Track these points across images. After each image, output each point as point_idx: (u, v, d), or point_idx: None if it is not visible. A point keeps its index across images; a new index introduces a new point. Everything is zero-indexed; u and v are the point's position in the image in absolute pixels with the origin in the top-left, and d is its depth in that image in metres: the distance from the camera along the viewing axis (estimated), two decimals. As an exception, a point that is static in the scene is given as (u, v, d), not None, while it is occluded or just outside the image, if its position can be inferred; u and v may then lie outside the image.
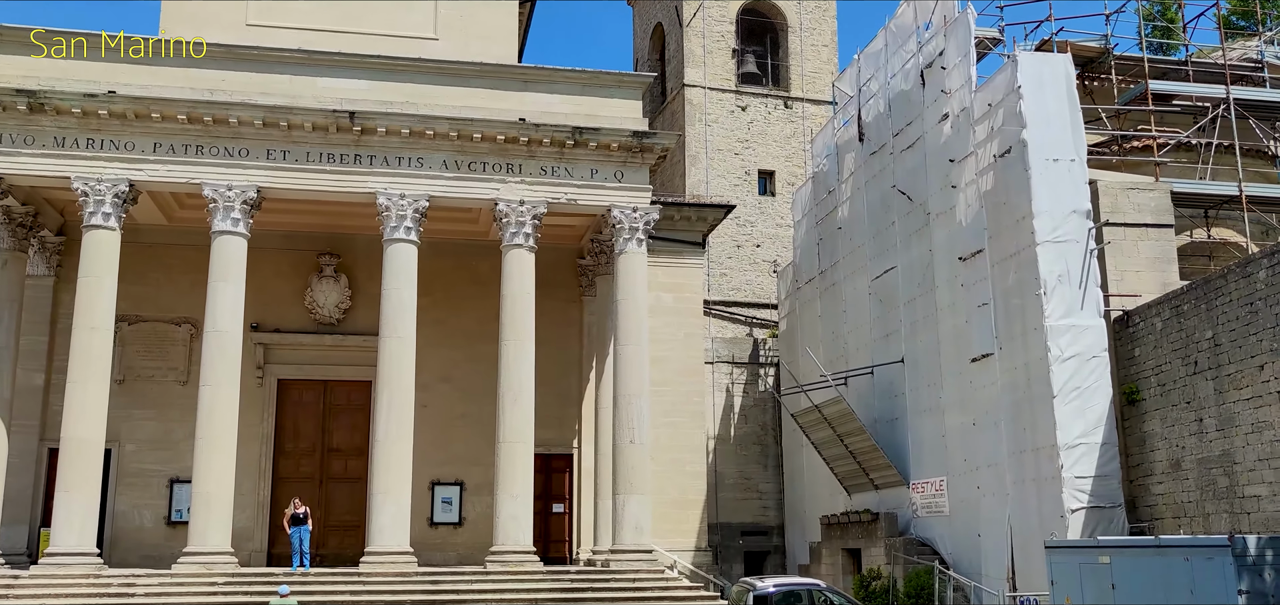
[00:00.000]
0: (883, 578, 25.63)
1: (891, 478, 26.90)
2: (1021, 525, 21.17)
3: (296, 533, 25.53)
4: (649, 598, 24.54)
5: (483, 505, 29.51)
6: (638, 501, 26.39)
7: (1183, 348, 18.79)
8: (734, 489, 34.91)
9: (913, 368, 26.14)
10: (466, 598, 24.16)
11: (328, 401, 31.00)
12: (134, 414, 29.35)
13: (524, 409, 26.00)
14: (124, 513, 29.13)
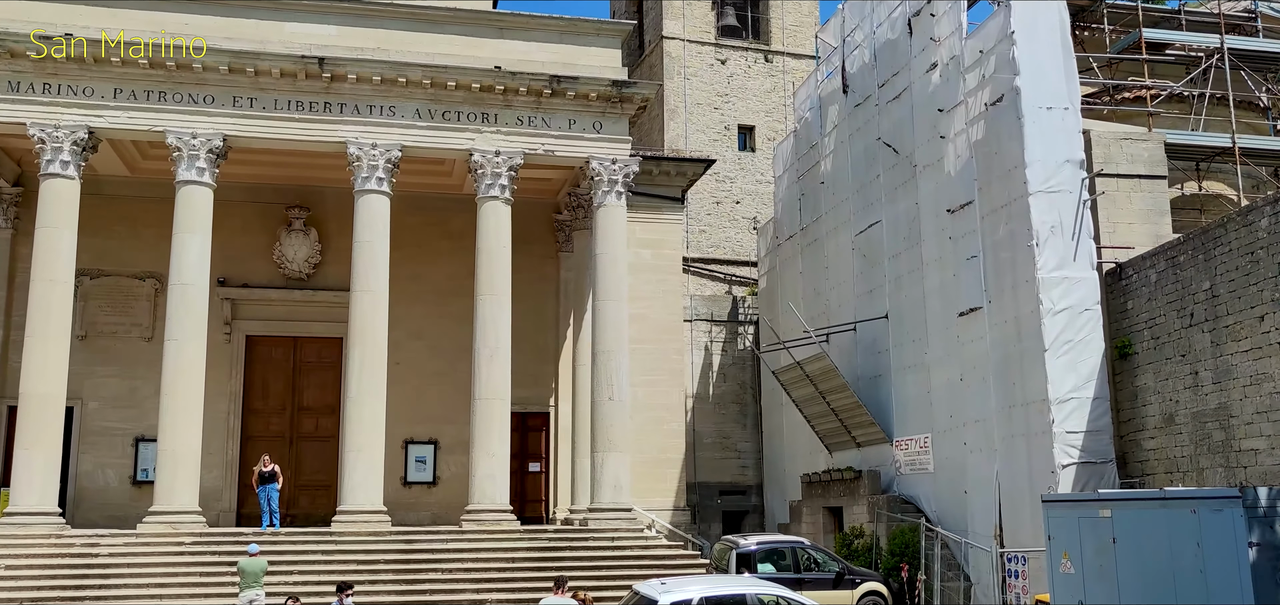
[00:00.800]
0: (865, 536, 25.29)
1: (874, 435, 26.51)
2: (1010, 482, 20.82)
3: (265, 491, 24.81)
4: (629, 556, 24.05)
5: (457, 464, 28.91)
6: (617, 459, 25.87)
7: (1179, 299, 18.41)
8: (712, 448, 34.48)
9: (897, 323, 25.69)
10: (442, 557, 23.58)
11: (298, 358, 30.23)
12: (97, 371, 28.47)
13: (501, 365, 25.36)
14: (88, 472, 28.30)
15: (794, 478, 30.99)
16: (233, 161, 26.09)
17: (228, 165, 25.86)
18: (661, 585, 15.86)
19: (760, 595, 15.85)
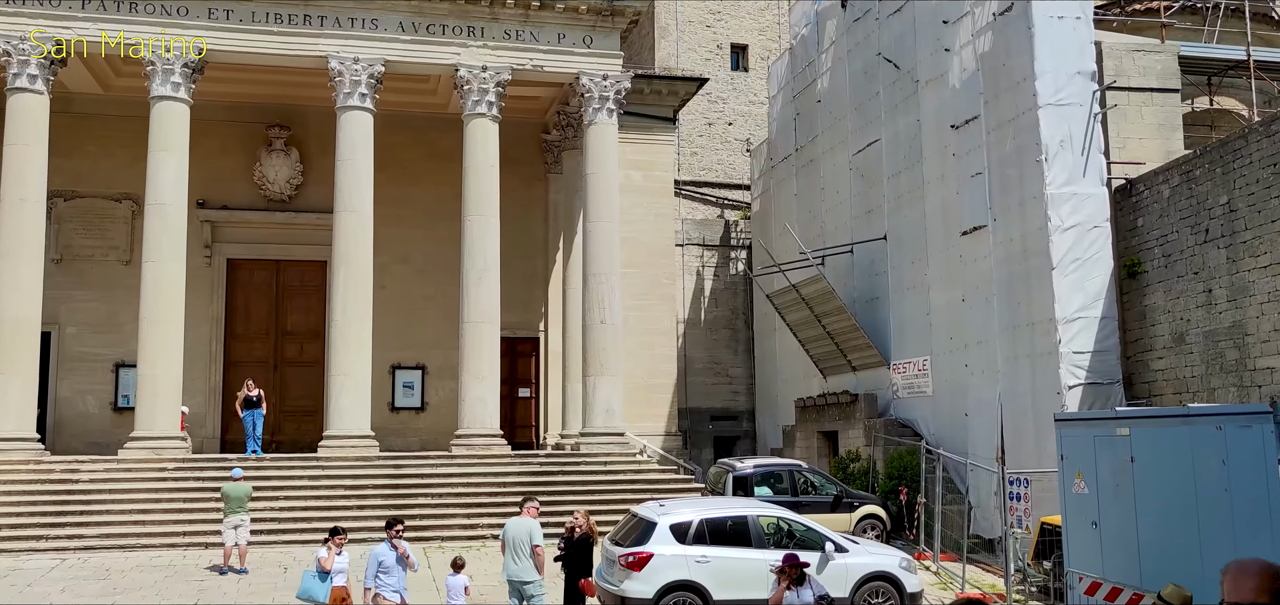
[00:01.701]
0: (861, 460, 24.92)
1: (871, 359, 26.04)
2: (1013, 404, 20.38)
3: (250, 416, 24.21)
4: (622, 481, 23.64)
5: (446, 390, 28.39)
6: (608, 383, 25.36)
7: (1193, 215, 17.84)
8: (704, 374, 34.02)
9: (896, 244, 25.10)
10: (431, 482, 23.11)
11: (281, 282, 29.51)
12: (74, 296, 27.71)
13: (489, 287, 24.71)
14: (67, 399, 27.66)
15: (787, 403, 30.59)
16: (210, 78, 25.15)
17: (205, 82, 24.92)
18: (660, 507, 15.39)
19: (762, 516, 15.39)
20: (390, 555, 12.49)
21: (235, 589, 16.97)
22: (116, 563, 18.91)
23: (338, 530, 13.50)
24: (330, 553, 13.14)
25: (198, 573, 18.18)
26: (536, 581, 13.16)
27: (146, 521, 20.74)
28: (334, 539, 13.38)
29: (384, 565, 12.39)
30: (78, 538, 20.05)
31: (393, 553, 12.55)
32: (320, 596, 12.55)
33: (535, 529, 13.31)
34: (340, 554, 13.25)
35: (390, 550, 12.54)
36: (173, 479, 22.05)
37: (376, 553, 12.55)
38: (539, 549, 13.15)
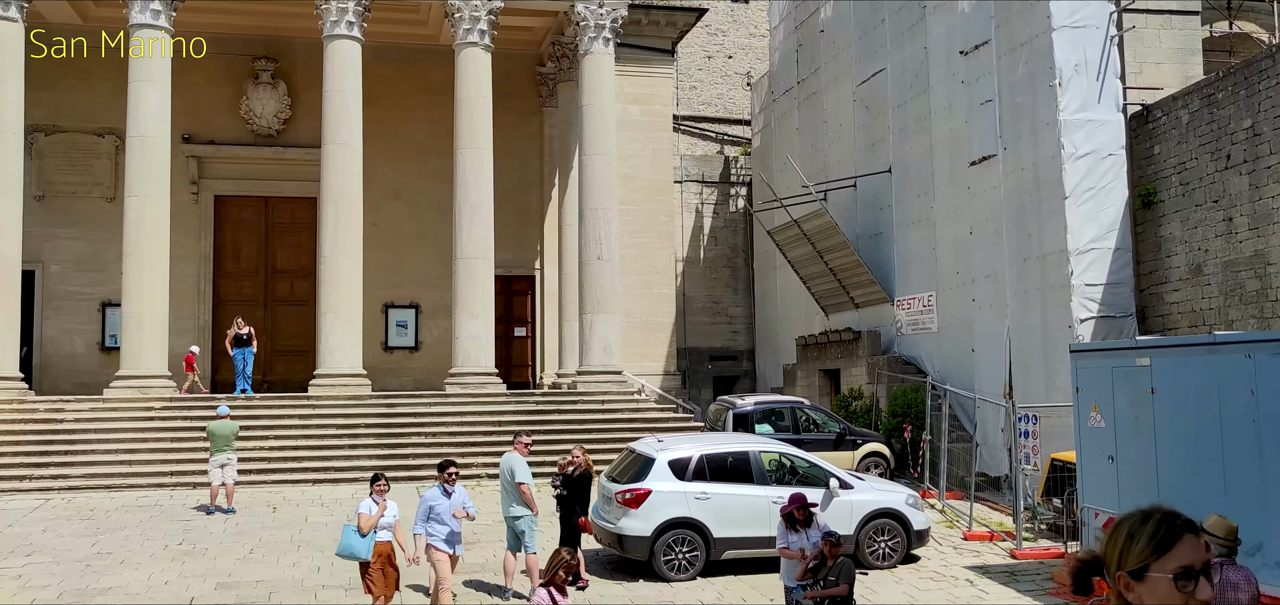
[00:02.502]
0: (864, 397, 24.42)
1: (874, 295, 25.45)
2: (1021, 339, 19.83)
3: (240, 354, 23.66)
4: (620, 419, 23.13)
5: (440, 329, 27.83)
6: (605, 321, 24.79)
7: (1213, 140, 17.15)
8: (703, 313, 33.45)
9: (901, 177, 24.42)
10: (425, 421, 22.60)
11: (270, 219, 28.84)
12: (57, 233, 27.04)
13: (483, 222, 24.04)
14: (53, 338, 27.10)
15: (788, 342, 30.05)
16: (193, 8, 24.33)
17: (187, 12, 24.10)
18: (658, 442, 14.87)
19: (764, 452, 14.87)
20: (442, 501, 11.47)
21: (221, 529, 16.48)
22: (101, 503, 18.43)
23: (380, 476, 11.53)
24: (377, 504, 11.13)
25: (184, 513, 17.70)
26: (527, 516, 12.68)
27: (133, 461, 20.24)
28: (376, 486, 11.38)
29: (435, 511, 11.39)
30: (62, 478, 19.56)
31: (446, 498, 11.50)
32: (362, 553, 10.95)
33: (517, 464, 12.82)
34: (386, 504, 11.25)
35: (443, 495, 11.52)
36: (160, 418, 21.53)
37: (427, 497, 11.54)
38: (523, 486, 12.63)
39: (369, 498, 11.32)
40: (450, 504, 11.54)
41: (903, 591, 13.61)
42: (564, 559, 8.44)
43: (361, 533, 10.95)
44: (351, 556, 11.07)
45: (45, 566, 14.08)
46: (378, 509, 11.12)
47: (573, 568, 8.40)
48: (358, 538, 10.95)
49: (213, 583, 13.38)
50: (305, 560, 14.63)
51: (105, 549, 15.09)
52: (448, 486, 11.63)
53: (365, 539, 10.95)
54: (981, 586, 13.95)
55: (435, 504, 11.47)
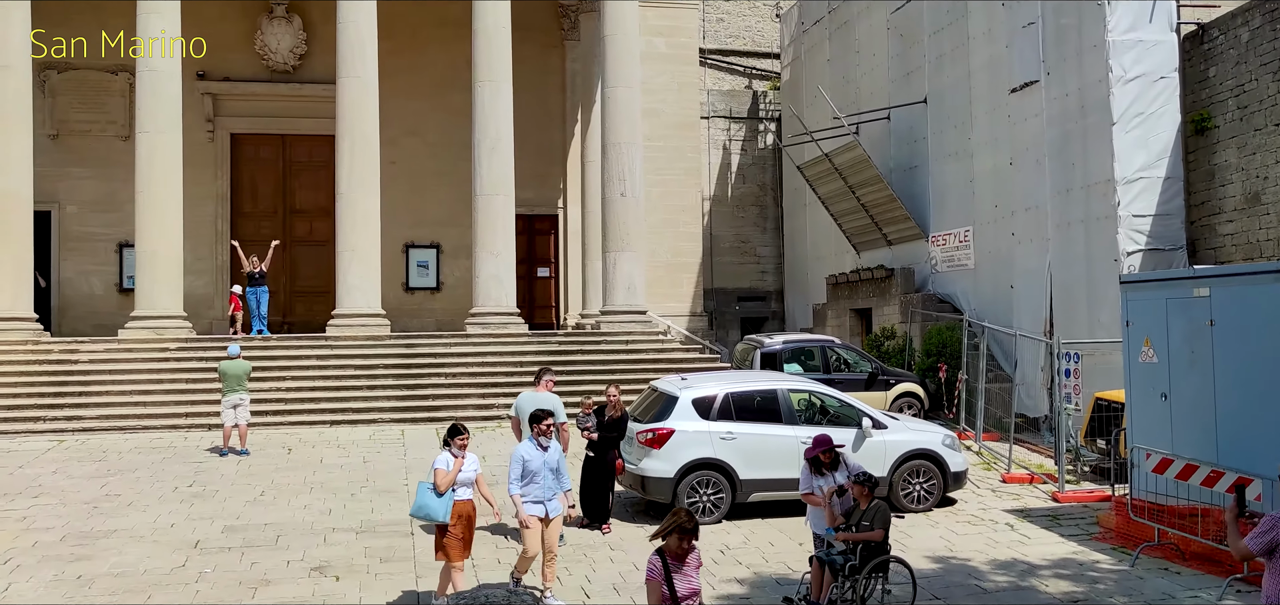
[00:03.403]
0: (897, 337, 23.63)
1: (908, 231, 24.57)
2: (1063, 274, 18.95)
3: (254, 294, 23.16)
4: (644, 360, 22.51)
5: (461, 269, 27.24)
6: (630, 259, 24.10)
7: (1277, 59, 16.08)
8: (730, 253, 32.63)
9: (937, 107, 23.43)
10: (445, 362, 22.07)
11: (287, 158, 28.28)
12: (73, 173, 26.64)
13: (503, 157, 23.32)
14: (71, 280, 26.77)
15: (817, 281, 29.24)
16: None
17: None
18: (682, 381, 14.21)
19: (792, 391, 14.18)
20: (537, 456, 10.08)
21: (234, 471, 16.05)
22: (115, 444, 18.06)
23: (459, 429, 10.06)
24: (456, 459, 9.84)
25: (197, 454, 17.29)
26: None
27: (147, 402, 19.87)
28: (456, 440, 9.96)
29: (529, 468, 10.04)
30: (76, 419, 19.22)
31: (540, 453, 10.09)
32: (440, 515, 9.67)
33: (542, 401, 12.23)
34: (465, 458, 9.94)
35: (537, 450, 10.11)
36: (175, 359, 21.13)
37: (519, 453, 10.13)
38: (564, 426, 12.03)
39: (445, 451, 9.96)
40: (546, 459, 10.16)
41: (939, 536, 12.96)
42: (681, 521, 6.80)
43: (438, 491, 9.67)
44: (428, 518, 9.85)
45: (51, 508, 13.70)
46: (456, 463, 9.82)
47: (690, 532, 6.80)
48: (434, 497, 9.67)
49: (220, 525, 12.94)
50: (317, 503, 14.16)
51: (114, 491, 14.70)
52: (544, 439, 10.20)
53: (442, 498, 9.67)
54: (1023, 531, 13.26)
55: (529, 459, 10.08)
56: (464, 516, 9.83)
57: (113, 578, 10.88)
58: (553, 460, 10.18)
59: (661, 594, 6.69)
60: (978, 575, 11.29)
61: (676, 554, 6.77)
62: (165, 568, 11.23)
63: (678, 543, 6.75)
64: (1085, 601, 10.39)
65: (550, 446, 10.21)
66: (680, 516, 6.82)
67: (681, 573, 6.76)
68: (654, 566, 6.76)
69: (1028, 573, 11.37)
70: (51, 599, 10.22)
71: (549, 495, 10.06)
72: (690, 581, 6.78)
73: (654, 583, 6.73)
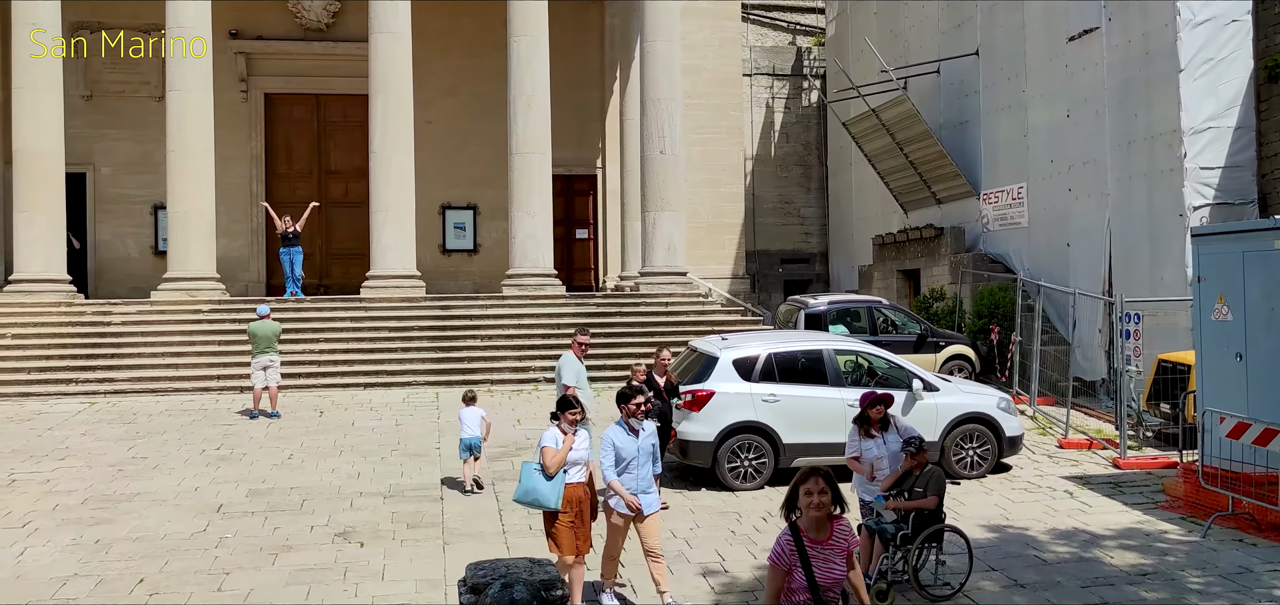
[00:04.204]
0: (946, 298, 22.82)
1: (958, 189, 23.69)
2: (1124, 230, 18.06)
3: (287, 254, 22.79)
4: (684, 322, 21.88)
5: (499, 231, 26.74)
6: (669, 219, 23.44)
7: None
8: (773, 214, 31.85)
9: (989, 59, 22.49)
10: (480, 324, 21.61)
11: (322, 118, 27.87)
12: (107, 134, 26.41)
13: (538, 115, 22.71)
14: (107, 242, 26.62)
15: (863, 242, 28.43)
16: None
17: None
18: (722, 341, 13.59)
19: (839, 351, 13.51)
20: (629, 442, 8.66)
21: (263, 434, 15.69)
22: (146, 406, 17.80)
23: (569, 402, 8.87)
24: (566, 436, 8.68)
25: (227, 417, 16.97)
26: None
27: (180, 364, 19.59)
28: (566, 414, 8.76)
29: (623, 456, 8.61)
30: (108, 381, 18.98)
31: (632, 437, 8.70)
32: (550, 500, 8.51)
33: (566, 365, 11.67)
34: (577, 435, 8.76)
35: (627, 435, 8.70)
36: (207, 321, 20.84)
37: (610, 437, 8.67)
38: (568, 387, 11.47)
39: (554, 426, 8.74)
40: (638, 446, 8.72)
41: (994, 503, 12.28)
42: (818, 485, 5.22)
43: (547, 473, 8.54)
44: (534, 504, 8.65)
45: (77, 471, 13.40)
46: (566, 441, 8.63)
47: (834, 499, 5.19)
48: (542, 479, 8.52)
49: (245, 489, 12.56)
50: (345, 466, 13.75)
51: (140, 454, 14.39)
52: (634, 421, 8.76)
53: (552, 481, 8.53)
54: (1083, 498, 12.53)
55: (620, 444, 8.65)
56: (576, 501, 8.61)
57: (131, 542, 10.51)
58: (648, 445, 8.79)
59: (787, 583, 5.18)
60: (1037, 545, 10.61)
61: (815, 530, 5.26)
62: (186, 532, 10.85)
63: (817, 515, 5.21)
64: (1156, 574, 9.68)
65: (643, 429, 8.81)
66: (817, 479, 5.25)
67: (824, 556, 5.22)
68: (783, 546, 5.20)
69: (1090, 543, 10.67)
70: (66, 564, 9.87)
71: (644, 488, 8.66)
72: (833, 568, 5.21)
73: (779, 569, 5.18)
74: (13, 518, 11.35)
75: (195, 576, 9.55)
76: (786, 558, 5.17)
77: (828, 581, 5.18)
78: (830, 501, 5.21)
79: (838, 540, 5.27)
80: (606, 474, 8.60)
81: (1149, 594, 9.16)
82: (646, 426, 8.85)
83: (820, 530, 5.24)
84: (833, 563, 5.22)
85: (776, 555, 5.20)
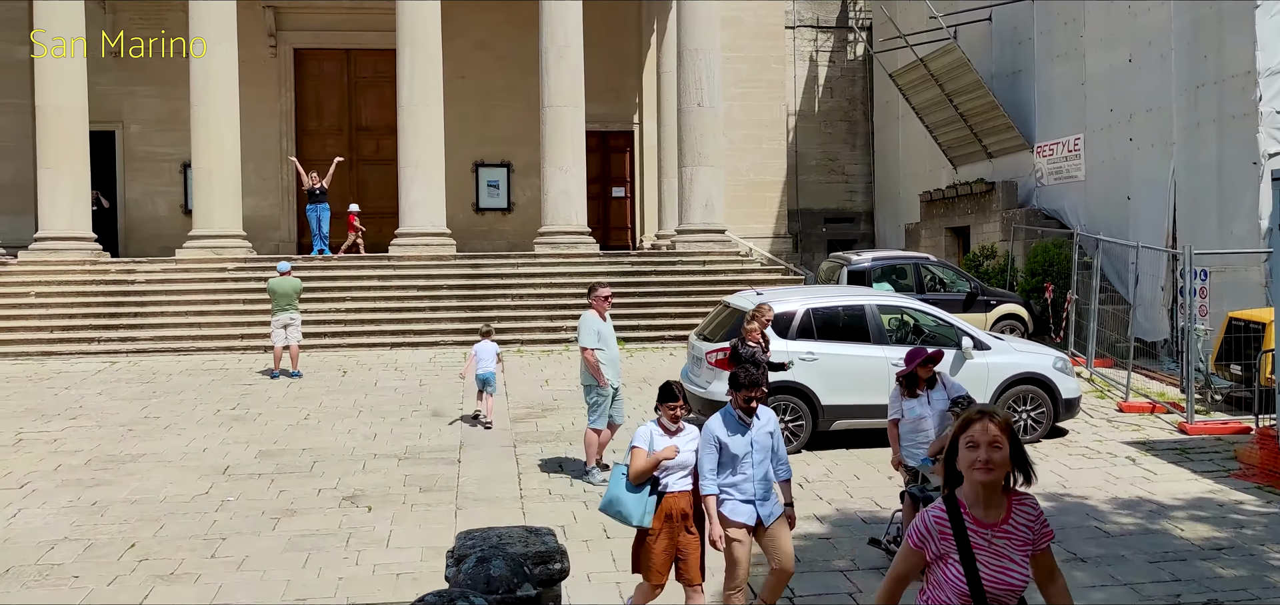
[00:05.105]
0: (997, 256, 21.78)
1: (1010, 141, 22.57)
2: (1190, 181, 16.94)
3: (314, 211, 22.27)
4: (722, 282, 21.05)
5: (533, 189, 26.02)
6: (707, 174, 22.58)
7: None
8: (817, 172, 30.81)
9: (1044, 3, 21.31)
10: (511, 282, 20.96)
11: (352, 73, 27.29)
12: (136, 91, 26.02)
13: (571, 65, 21.91)
14: (136, 201, 26.30)
15: (910, 199, 27.37)
16: None
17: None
18: (758, 295, 12.76)
19: (882, 307, 12.64)
20: (738, 436, 6.54)
21: (282, 394, 15.15)
22: (166, 366, 17.37)
23: (672, 391, 6.70)
24: (666, 434, 6.64)
25: (247, 377, 16.47)
26: (593, 388, 10.78)
27: (203, 323, 19.17)
28: (667, 407, 6.68)
29: (730, 452, 6.54)
30: (130, 340, 18.60)
31: (742, 431, 6.56)
32: (632, 516, 6.51)
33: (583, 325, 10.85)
34: (680, 436, 6.65)
35: (735, 426, 6.58)
36: (232, 279, 20.39)
37: (712, 430, 6.54)
38: (586, 351, 10.69)
39: (653, 422, 6.74)
40: (752, 440, 6.61)
41: (1050, 470, 11.38)
42: (984, 441, 3.50)
43: (634, 480, 6.53)
44: (621, 518, 6.60)
45: (86, 431, 12.93)
46: (666, 445, 6.61)
47: (999, 460, 3.34)
48: (628, 491, 6.53)
49: (255, 450, 11.99)
50: (362, 427, 13.15)
51: (153, 413, 13.91)
52: (743, 413, 6.60)
53: (640, 492, 6.52)
54: (1146, 465, 11.60)
55: (728, 442, 6.55)
56: (677, 516, 6.58)
57: (129, 505, 9.97)
58: (764, 439, 6.65)
59: (932, 575, 3.58)
60: (1098, 516, 9.73)
61: (984, 506, 3.53)
62: (187, 495, 10.29)
63: (986, 479, 3.49)
64: (1232, 548, 8.78)
65: (759, 419, 6.66)
66: (988, 423, 3.51)
67: (995, 547, 3.52)
68: (928, 524, 3.56)
69: (1157, 514, 9.77)
70: (58, 527, 9.34)
71: (761, 493, 6.61)
72: (1010, 570, 3.52)
73: (915, 551, 3.59)
74: (12, 478, 10.87)
75: (189, 542, 8.98)
76: (933, 541, 3.52)
77: (1000, 588, 3.48)
78: (1008, 461, 3.50)
79: (1018, 527, 3.55)
80: (704, 481, 6.54)
81: (1225, 570, 8.28)
82: (763, 414, 6.72)
83: (993, 508, 3.53)
84: (1009, 560, 3.50)
85: (918, 534, 3.55)
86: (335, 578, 8.15)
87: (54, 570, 8.30)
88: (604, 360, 10.68)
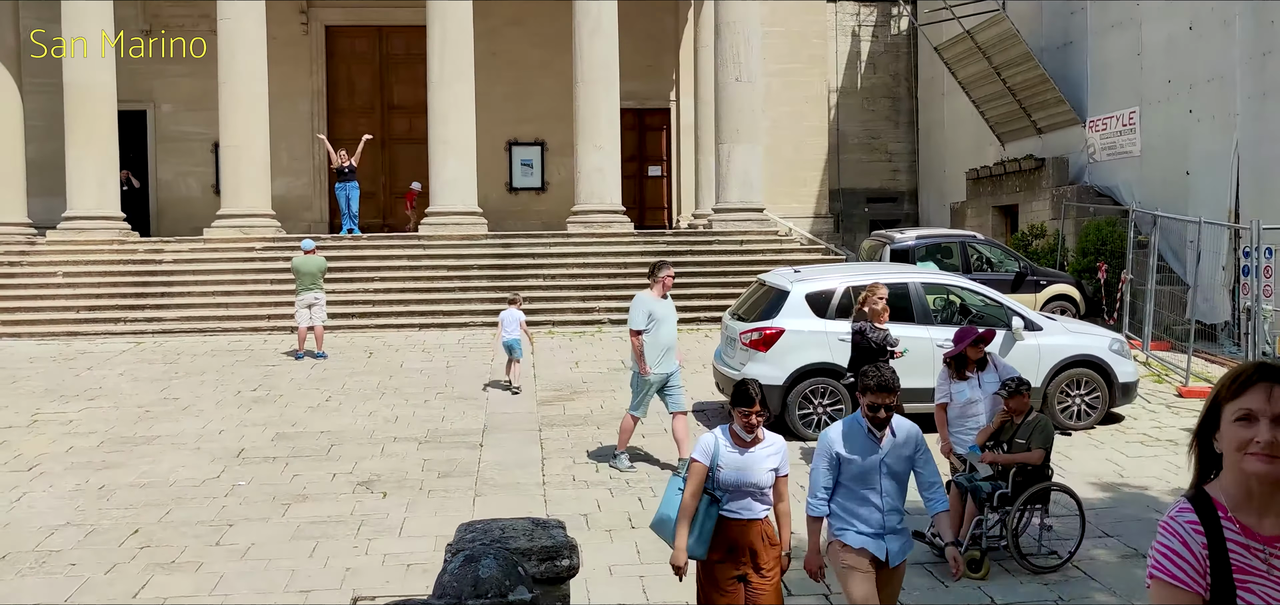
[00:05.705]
0: (1047, 235, 20.95)
1: (1061, 116, 21.70)
2: (1254, 155, 16.06)
3: (343, 190, 21.90)
4: (761, 261, 20.38)
5: (567, 169, 25.46)
6: (745, 151, 21.92)
7: None
8: (859, 150, 30.01)
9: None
10: (543, 262, 20.46)
11: (384, 51, 26.88)
12: (167, 70, 25.73)
13: (606, 39, 21.31)
14: (168, 182, 26.09)
15: (955, 178, 26.52)
16: None
17: None
18: (794, 273, 12.16)
19: (926, 285, 11.97)
20: (862, 448, 5.29)
21: (305, 375, 14.76)
22: (191, 346, 17.06)
23: (749, 394, 5.28)
24: (730, 450, 5.33)
25: (272, 357, 16.11)
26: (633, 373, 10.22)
27: (230, 304, 18.85)
28: (740, 411, 5.30)
29: (850, 472, 5.30)
30: (157, 320, 18.32)
31: (868, 442, 5.28)
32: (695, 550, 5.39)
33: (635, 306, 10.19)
34: (757, 450, 5.35)
35: (864, 436, 5.31)
36: (260, 259, 20.07)
37: (828, 441, 5.36)
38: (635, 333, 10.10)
39: (722, 428, 5.43)
40: (882, 460, 5.30)
41: (1105, 458, 10.70)
42: (1266, 413, 2.31)
43: (689, 501, 5.37)
44: (669, 543, 5.47)
45: (102, 412, 12.62)
46: (739, 455, 5.32)
47: None
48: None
49: (272, 433, 11.59)
50: (384, 410, 12.72)
51: (173, 394, 13.57)
52: (876, 423, 5.28)
53: (695, 511, 5.37)
54: (1211, 454, 10.84)
55: (847, 454, 5.32)
56: (742, 547, 5.33)
57: (136, 489, 9.59)
58: (892, 456, 5.32)
59: None
60: (1159, 507, 9.04)
61: (1259, 513, 2.37)
62: (197, 478, 9.91)
63: (1265, 469, 2.30)
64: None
65: (895, 434, 5.34)
66: (1267, 386, 2.34)
67: (1270, 569, 2.33)
68: (1176, 549, 2.43)
69: (1225, 507, 9.05)
70: (62, 511, 8.97)
71: (892, 524, 5.32)
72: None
73: (1169, 586, 2.38)
74: (22, 460, 10.56)
75: (195, 528, 8.57)
76: (1189, 574, 2.33)
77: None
78: None
79: None
80: (811, 503, 5.41)
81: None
82: (901, 426, 5.36)
83: (1275, 513, 2.34)
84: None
85: (1168, 561, 2.37)
86: (342, 568, 7.70)
87: (51, 557, 7.93)
88: (652, 343, 9.97)
